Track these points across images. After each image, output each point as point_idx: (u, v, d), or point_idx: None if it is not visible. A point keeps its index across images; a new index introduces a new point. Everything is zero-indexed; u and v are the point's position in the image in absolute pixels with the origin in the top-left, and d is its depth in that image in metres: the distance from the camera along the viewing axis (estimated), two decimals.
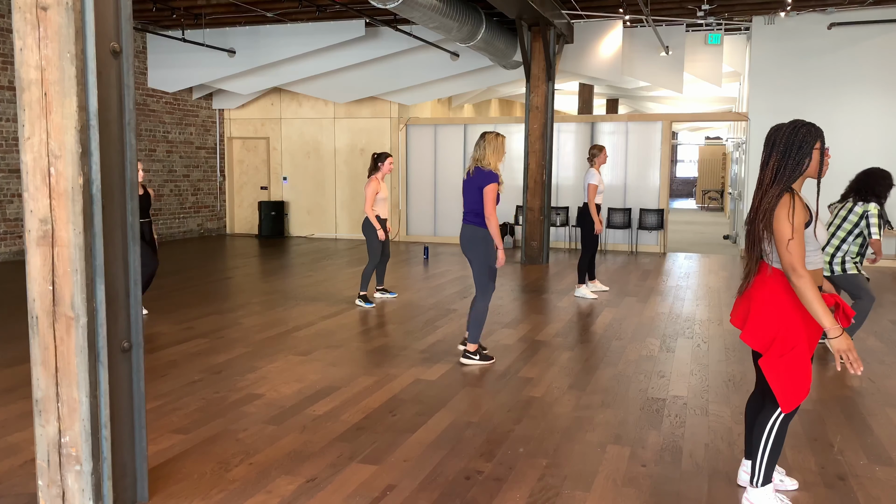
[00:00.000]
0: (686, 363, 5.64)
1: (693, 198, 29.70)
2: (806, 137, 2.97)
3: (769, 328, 3.04)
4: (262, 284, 9.17)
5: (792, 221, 2.90)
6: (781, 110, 11.86)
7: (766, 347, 3.07)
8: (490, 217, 5.33)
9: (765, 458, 3.13)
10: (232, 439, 3.99)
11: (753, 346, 3.11)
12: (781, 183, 2.98)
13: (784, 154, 2.98)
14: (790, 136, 2.98)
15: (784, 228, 2.91)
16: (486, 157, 5.38)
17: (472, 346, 5.53)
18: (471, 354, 5.52)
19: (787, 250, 2.89)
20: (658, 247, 13.08)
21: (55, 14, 2.76)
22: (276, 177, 15.26)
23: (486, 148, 5.39)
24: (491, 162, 5.38)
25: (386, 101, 14.23)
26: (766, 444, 3.11)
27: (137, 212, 3.08)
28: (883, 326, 7.02)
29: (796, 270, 2.88)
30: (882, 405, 4.70)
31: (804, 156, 2.97)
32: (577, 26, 12.47)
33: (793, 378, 2.98)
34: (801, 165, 2.97)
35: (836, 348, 2.84)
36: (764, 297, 3.08)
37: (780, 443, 3.12)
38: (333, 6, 11.26)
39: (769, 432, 3.10)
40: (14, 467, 3.60)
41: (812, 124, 2.99)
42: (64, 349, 2.92)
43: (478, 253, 5.42)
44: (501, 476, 3.56)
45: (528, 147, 11.48)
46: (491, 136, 5.42)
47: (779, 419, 3.09)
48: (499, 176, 5.38)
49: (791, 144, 2.97)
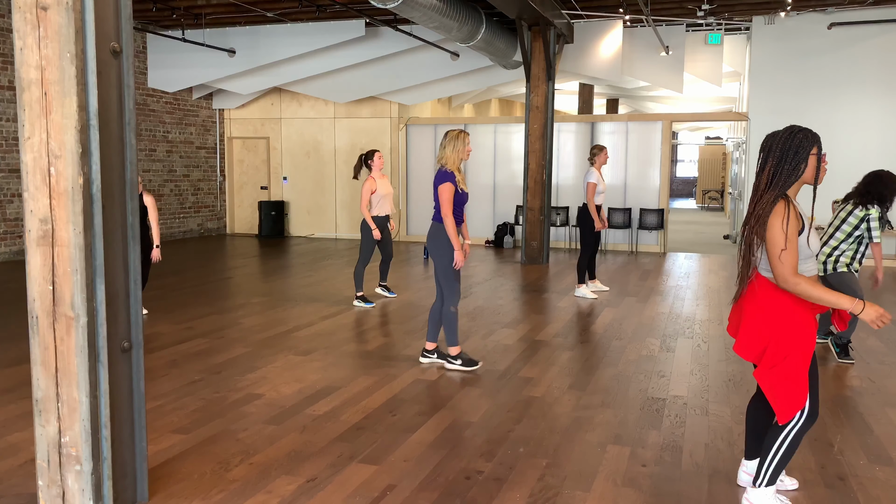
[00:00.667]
0: (686, 363, 5.64)
1: (693, 198, 29.70)
2: (802, 143, 2.93)
3: (760, 339, 3.02)
4: (262, 284, 9.17)
5: (786, 231, 2.86)
6: (781, 110, 11.88)
7: (758, 358, 3.05)
8: (446, 216, 5.19)
9: (774, 462, 3.09)
10: (232, 439, 3.99)
11: (746, 357, 3.10)
12: (777, 188, 2.94)
13: (780, 159, 2.94)
14: (786, 142, 2.95)
15: (777, 238, 2.87)
16: (446, 156, 5.24)
17: (453, 350, 5.40)
18: (451, 360, 5.40)
19: (779, 261, 2.86)
20: (658, 247, 13.08)
21: (55, 14, 2.76)
22: (276, 177, 15.26)
23: (446, 147, 5.25)
24: (452, 160, 5.23)
25: (386, 101, 14.23)
26: (778, 449, 3.07)
27: (137, 212, 3.08)
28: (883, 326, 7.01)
29: (788, 281, 2.85)
30: (882, 405, 4.70)
31: (800, 161, 2.93)
32: (577, 26, 12.48)
33: (787, 388, 2.96)
34: (796, 171, 2.93)
35: (869, 319, 2.83)
36: (754, 307, 3.06)
37: (794, 450, 3.08)
38: (333, 6, 11.26)
39: (784, 437, 3.06)
40: (14, 467, 3.60)
41: (808, 130, 2.96)
42: (64, 349, 2.92)
43: (440, 252, 5.29)
44: (501, 476, 3.56)
45: (528, 147, 11.48)
46: (453, 133, 5.27)
47: (797, 426, 3.04)
48: (455, 175, 5.21)
49: (787, 150, 2.94)
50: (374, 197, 7.66)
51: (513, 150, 13.76)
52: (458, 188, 5.23)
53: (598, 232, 8.44)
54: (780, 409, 2.98)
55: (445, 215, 5.20)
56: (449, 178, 5.20)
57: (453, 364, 5.39)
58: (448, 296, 5.36)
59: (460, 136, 5.26)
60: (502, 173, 13.92)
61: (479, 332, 6.59)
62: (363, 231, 7.71)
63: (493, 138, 13.95)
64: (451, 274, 5.31)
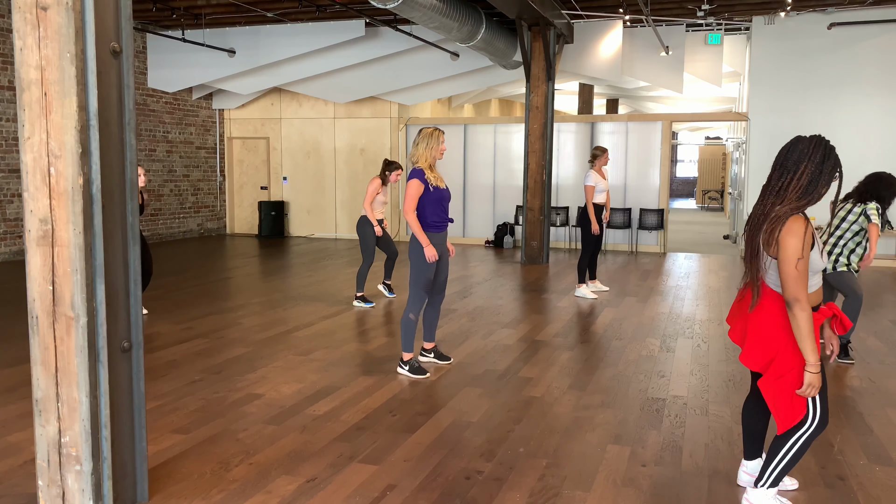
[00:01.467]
0: (686, 363, 5.64)
1: (693, 198, 29.70)
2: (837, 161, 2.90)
3: (768, 349, 3.01)
4: (261, 284, 9.17)
5: (803, 253, 2.80)
6: (781, 110, 11.89)
7: (764, 368, 3.04)
8: (407, 213, 5.08)
9: (780, 466, 3.08)
10: (232, 439, 3.98)
11: (752, 367, 3.08)
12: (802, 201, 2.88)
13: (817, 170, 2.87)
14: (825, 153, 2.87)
15: (793, 257, 2.80)
16: (418, 153, 5.14)
17: (405, 354, 5.27)
18: (402, 364, 5.28)
19: (794, 281, 2.81)
20: (658, 247, 13.08)
21: (55, 14, 2.76)
22: (276, 177, 15.26)
23: (419, 144, 5.14)
24: (424, 157, 5.13)
25: (386, 101, 14.23)
26: (787, 453, 3.06)
27: (137, 212, 3.08)
28: (883, 326, 7.02)
29: (800, 302, 2.81)
30: (882, 405, 4.70)
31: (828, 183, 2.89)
32: (577, 26, 12.47)
33: (791, 399, 2.96)
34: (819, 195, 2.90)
35: (807, 381, 2.85)
36: (761, 318, 3.03)
37: (801, 455, 3.08)
38: (333, 6, 11.26)
39: (794, 443, 3.05)
40: (14, 467, 3.60)
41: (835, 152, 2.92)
42: (64, 349, 2.92)
43: (414, 257, 5.16)
44: (501, 476, 3.56)
45: (528, 147, 11.48)
46: (427, 131, 5.16)
47: (807, 433, 3.03)
48: (426, 173, 5.10)
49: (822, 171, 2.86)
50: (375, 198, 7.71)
51: (513, 150, 13.76)
52: (429, 186, 5.11)
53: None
54: (781, 419, 2.98)
55: (407, 211, 5.08)
56: (418, 174, 5.10)
57: (402, 369, 5.28)
58: (411, 302, 5.21)
59: (434, 133, 5.16)
60: (502, 173, 13.92)
61: (479, 332, 6.59)
62: (360, 232, 7.75)
63: (492, 138, 13.95)
64: (420, 281, 5.16)
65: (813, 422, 3.01)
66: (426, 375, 5.23)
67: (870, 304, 7.98)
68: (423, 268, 5.16)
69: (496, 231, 13.81)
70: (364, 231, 7.71)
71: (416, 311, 5.23)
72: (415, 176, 5.11)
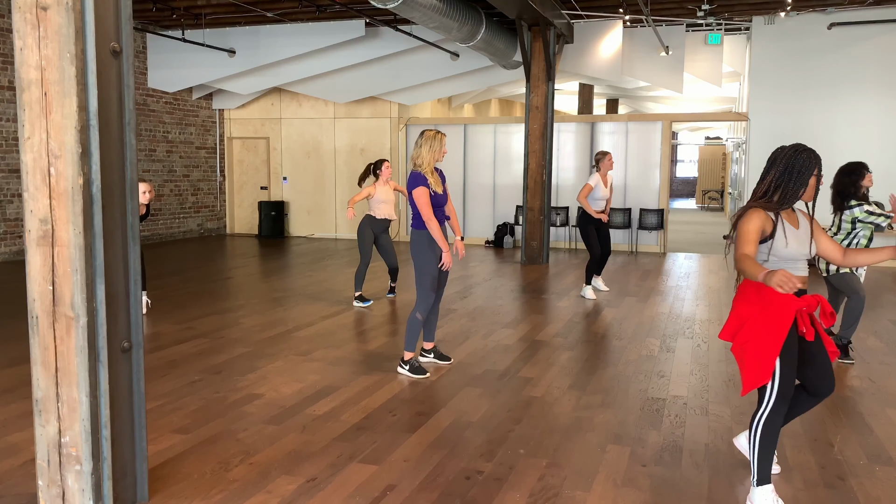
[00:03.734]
0: (686, 363, 5.64)
1: (693, 198, 29.70)
2: (806, 164, 3.13)
3: (738, 319, 3.25)
4: (262, 284, 9.17)
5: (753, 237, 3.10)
6: (781, 110, 11.89)
7: (733, 335, 3.26)
8: (428, 220, 5.04)
9: (755, 456, 3.21)
10: (232, 439, 3.99)
11: (725, 337, 3.31)
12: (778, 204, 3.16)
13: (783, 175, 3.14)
14: (790, 159, 3.14)
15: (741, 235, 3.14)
16: (421, 156, 5.10)
17: (406, 354, 5.27)
18: (402, 363, 5.29)
19: (739, 255, 3.10)
20: (658, 247, 13.08)
21: (55, 14, 2.76)
22: (276, 177, 15.26)
23: (422, 146, 5.09)
24: (427, 161, 5.10)
25: (386, 101, 14.23)
26: (754, 442, 3.20)
27: (137, 212, 3.08)
28: (883, 326, 7.02)
29: (742, 266, 3.03)
30: (882, 405, 4.70)
31: (802, 184, 3.13)
32: (577, 26, 12.47)
33: (753, 363, 3.12)
34: (797, 194, 3.15)
35: (774, 282, 2.76)
36: (736, 297, 3.32)
37: (771, 441, 3.17)
38: (333, 6, 11.26)
39: (755, 429, 3.20)
40: (14, 467, 3.60)
41: (812, 151, 3.16)
42: (64, 349, 2.92)
43: (418, 258, 5.16)
44: (501, 476, 3.56)
45: (528, 147, 11.48)
46: (429, 133, 5.12)
47: (764, 416, 3.17)
48: (428, 178, 5.07)
49: (791, 168, 3.13)
50: (372, 201, 7.74)
51: (513, 150, 13.76)
52: (432, 191, 5.10)
53: (600, 232, 8.39)
54: (745, 381, 3.16)
55: (428, 219, 5.05)
56: (421, 181, 5.07)
57: (402, 369, 5.29)
58: (418, 302, 5.21)
59: (437, 136, 5.13)
60: (502, 173, 13.92)
61: (479, 332, 6.59)
62: (359, 233, 7.86)
63: (492, 138, 13.95)
64: (427, 282, 5.17)
65: (770, 397, 3.13)
66: (426, 375, 5.24)
67: (870, 304, 7.97)
68: (427, 268, 5.17)
69: (496, 231, 13.81)
70: (362, 232, 7.81)
71: (423, 311, 5.24)
72: (420, 184, 5.07)
